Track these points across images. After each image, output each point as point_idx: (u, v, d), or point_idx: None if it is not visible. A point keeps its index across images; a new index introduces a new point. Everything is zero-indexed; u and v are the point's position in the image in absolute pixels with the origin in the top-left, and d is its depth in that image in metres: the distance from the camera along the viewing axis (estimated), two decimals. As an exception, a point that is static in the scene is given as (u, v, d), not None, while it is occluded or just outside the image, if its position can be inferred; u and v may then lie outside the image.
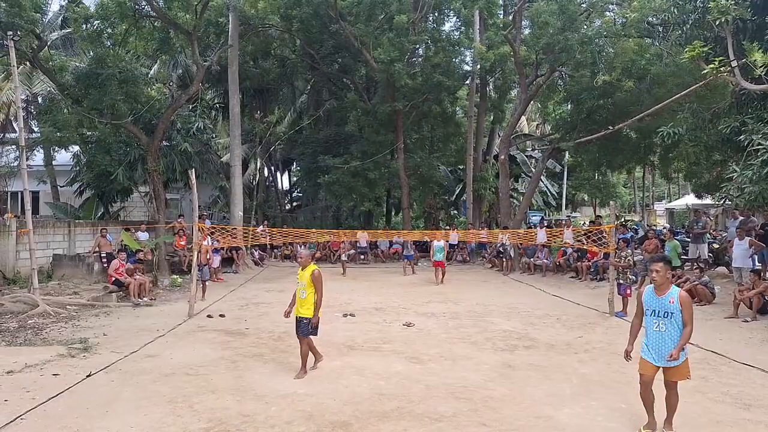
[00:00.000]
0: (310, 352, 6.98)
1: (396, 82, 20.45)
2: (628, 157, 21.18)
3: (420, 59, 24.27)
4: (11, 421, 5.18)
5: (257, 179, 27.84)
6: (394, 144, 23.14)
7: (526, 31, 20.81)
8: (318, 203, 30.38)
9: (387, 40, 19.91)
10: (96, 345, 8.17)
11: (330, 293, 13.69)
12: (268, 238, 20.05)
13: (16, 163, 19.13)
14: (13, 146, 20.05)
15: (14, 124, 21.29)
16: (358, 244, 21.97)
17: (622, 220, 26.56)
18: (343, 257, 18.87)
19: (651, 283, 5.02)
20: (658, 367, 4.92)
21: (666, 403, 5.04)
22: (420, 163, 23.63)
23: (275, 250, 23.13)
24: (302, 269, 6.96)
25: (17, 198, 22.02)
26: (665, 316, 4.85)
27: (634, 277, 11.95)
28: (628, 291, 10.98)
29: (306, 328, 6.79)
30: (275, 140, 26.11)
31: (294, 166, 34.53)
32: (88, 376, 6.62)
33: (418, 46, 22.72)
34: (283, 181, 35.50)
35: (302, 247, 7.67)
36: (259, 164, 26.81)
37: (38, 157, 21.89)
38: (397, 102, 21.66)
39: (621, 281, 11.07)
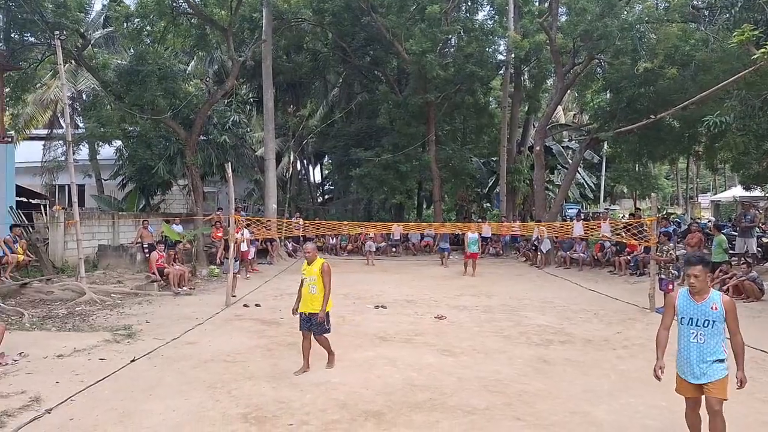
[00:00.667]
0: (311, 349, 6.64)
1: (428, 74, 20.29)
2: (671, 147, 20.47)
3: (452, 49, 24.00)
4: (62, 402, 5.45)
5: (290, 172, 28.18)
6: (426, 136, 23.02)
7: (563, 18, 20.32)
8: (349, 196, 30.55)
9: (419, 31, 19.77)
10: (139, 332, 8.49)
11: (362, 285, 13.97)
12: (302, 230, 20.30)
13: (63, 158, 19.99)
14: (61, 141, 20.95)
15: (61, 121, 22.20)
16: (392, 237, 22.02)
17: (664, 212, 25.77)
18: (367, 248, 19.21)
19: (688, 288, 4.31)
20: (699, 386, 4.26)
21: (710, 426, 4.28)
22: (452, 155, 23.44)
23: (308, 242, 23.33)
24: (309, 264, 6.59)
25: (65, 191, 23.00)
26: (705, 324, 4.19)
27: (676, 272, 11.60)
28: (670, 286, 10.65)
29: (318, 325, 6.48)
30: (308, 134, 26.38)
31: (326, 159, 34.81)
32: (132, 361, 6.89)
33: (450, 36, 22.46)
34: (315, 175, 35.84)
35: (310, 241, 7.37)
36: (291, 158, 27.12)
37: (84, 152, 22.72)
38: (428, 93, 21.50)
39: (663, 276, 10.76)
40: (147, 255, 14.41)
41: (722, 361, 4.26)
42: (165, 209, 22.65)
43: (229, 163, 12.22)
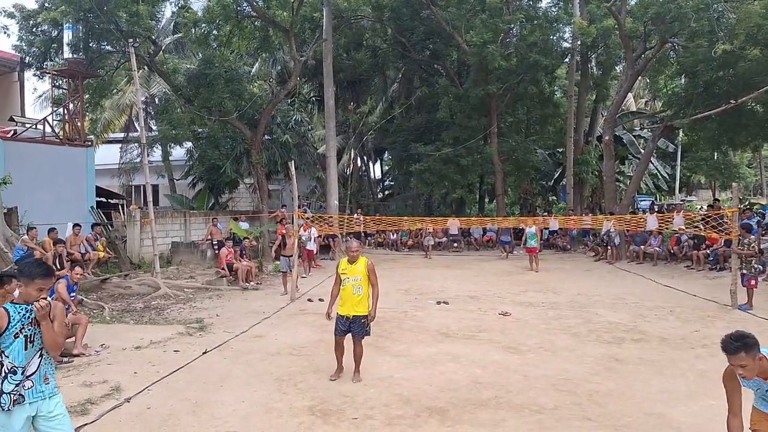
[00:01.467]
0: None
1: (489, 65, 19.86)
2: (754, 133, 19.01)
3: (514, 39, 23.37)
4: (140, 392, 5.74)
5: (351, 169, 28.49)
6: (488, 129, 22.56)
7: (633, 2, 19.32)
8: (409, 191, 30.48)
9: (479, 21, 19.37)
10: (210, 325, 8.84)
11: (423, 280, 13.91)
12: (362, 225, 20.48)
13: (138, 160, 21.14)
14: (136, 144, 22.14)
15: (136, 124, 23.47)
16: (449, 232, 21.80)
17: (747, 203, 24.05)
18: (426, 242, 19.53)
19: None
20: None
21: None
22: (515, 148, 22.84)
23: (369, 238, 23.59)
24: (352, 263, 6.12)
25: (140, 191, 24.33)
26: None
27: (761, 267, 10.80)
28: (753, 281, 9.95)
29: (363, 328, 6.08)
30: (368, 130, 26.53)
31: (386, 155, 34.91)
32: (204, 354, 7.17)
33: (512, 25, 21.89)
34: (376, 171, 36.05)
35: (352, 238, 6.94)
36: (352, 154, 27.39)
37: (157, 154, 23.87)
38: (490, 85, 21.02)
39: (745, 271, 10.05)
40: (216, 251, 14.97)
41: None
42: (232, 207, 23.48)
43: (293, 162, 12.49)
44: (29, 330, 3.21)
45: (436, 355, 7.13)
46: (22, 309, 3.21)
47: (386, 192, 35.39)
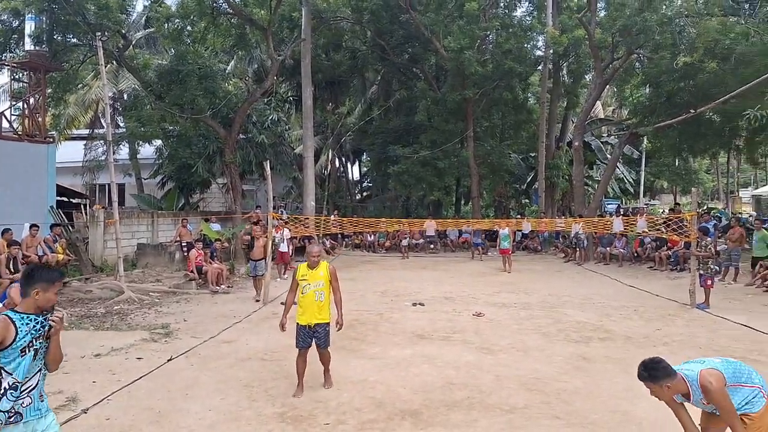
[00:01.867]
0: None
1: (466, 70, 20.14)
2: (711, 141, 19.90)
3: (490, 46, 23.74)
4: (98, 402, 5.51)
5: (328, 170, 28.40)
6: (464, 132, 22.85)
7: (602, 14, 19.88)
8: (387, 193, 30.58)
9: (457, 28, 19.63)
10: (177, 330, 8.59)
11: (399, 282, 13.96)
12: (339, 227, 20.43)
13: (104, 157, 20.59)
14: (101, 141, 21.60)
15: (102, 121, 22.90)
16: (426, 233, 21.95)
17: (705, 207, 24.89)
18: (404, 242, 19.70)
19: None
20: None
21: None
22: (490, 152, 23.20)
23: (346, 239, 23.55)
24: (312, 268, 5.73)
25: (105, 190, 23.73)
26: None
27: (717, 267, 11.26)
28: (709, 282, 10.36)
29: (327, 337, 5.80)
30: (346, 131, 26.51)
31: (364, 156, 34.93)
32: (169, 360, 6.96)
33: (488, 32, 22.24)
34: (354, 172, 36.04)
35: (313, 242, 6.88)
36: (330, 155, 27.31)
37: (124, 151, 23.33)
38: (467, 90, 21.34)
39: (702, 272, 10.45)
40: (186, 253, 14.68)
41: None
42: (204, 208, 23.11)
43: (268, 162, 12.37)
44: (39, 344, 2.98)
45: (411, 356, 7.16)
46: (31, 320, 2.95)
47: (364, 193, 35.39)
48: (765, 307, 10.35)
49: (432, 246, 22.11)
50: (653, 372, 3.61)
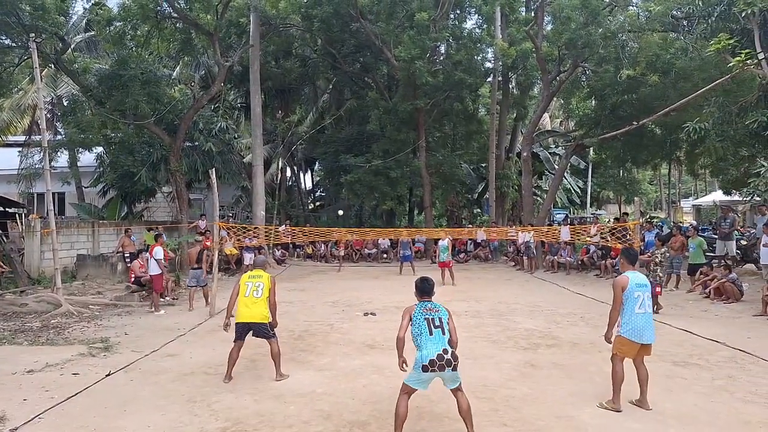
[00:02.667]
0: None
1: (417, 80, 20.31)
2: (653, 153, 20.71)
3: (441, 57, 24.10)
4: (29, 421, 5.19)
5: (279, 179, 27.99)
6: (416, 142, 23.00)
7: (548, 27, 20.44)
8: (340, 202, 30.43)
9: (408, 38, 19.77)
10: (117, 344, 8.24)
11: (351, 292, 13.82)
12: (290, 237, 20.12)
13: (40, 165, 19.54)
14: (38, 148, 20.52)
15: (39, 127, 21.78)
16: (379, 242, 21.94)
17: (647, 217, 25.98)
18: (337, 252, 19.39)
19: None
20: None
21: None
22: (442, 161, 23.45)
23: (298, 250, 23.22)
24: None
25: (42, 199, 22.53)
26: None
27: (662, 275, 11.67)
28: (658, 289, 10.71)
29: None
30: (297, 140, 26.23)
31: (317, 165, 34.66)
32: (107, 376, 6.66)
33: (439, 43, 22.56)
34: (306, 181, 35.70)
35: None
36: (281, 164, 26.94)
37: (63, 159, 22.32)
38: (418, 100, 21.51)
39: (651, 279, 10.77)
40: (128, 264, 14.11)
41: None
42: (148, 217, 22.33)
43: (214, 170, 12.03)
44: None
45: (361, 367, 7.05)
46: None
47: (317, 203, 35.08)
48: (705, 312, 10.79)
49: (385, 255, 22.08)
50: None
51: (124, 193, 20.04)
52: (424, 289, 5.09)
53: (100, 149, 20.20)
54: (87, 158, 22.04)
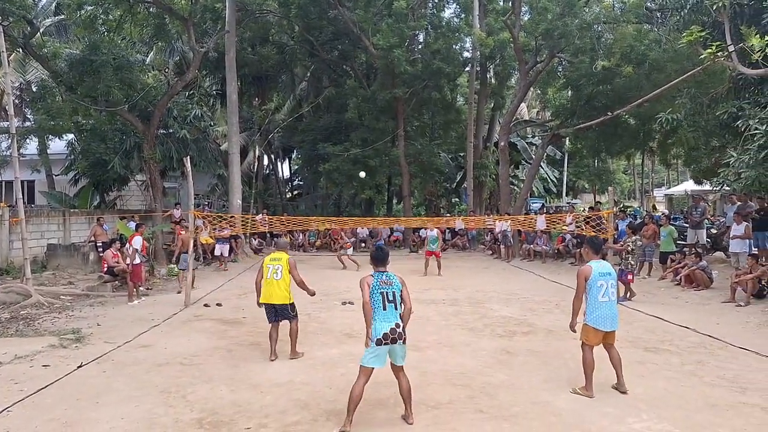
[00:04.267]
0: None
1: (395, 69, 20.25)
2: (627, 143, 21.05)
3: (420, 46, 24.01)
4: (-2, 413, 5.08)
5: (256, 167, 27.69)
6: (395, 131, 22.97)
7: (526, 17, 20.54)
8: (319, 191, 30.27)
9: (386, 26, 19.66)
10: (89, 335, 8.09)
11: (329, 281, 13.79)
12: (268, 226, 19.95)
13: (9, 152, 18.99)
14: (6, 135, 19.92)
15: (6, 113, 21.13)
16: (357, 231, 21.92)
17: (621, 206, 26.45)
18: (342, 252, 17.20)
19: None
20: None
21: None
22: (421, 151, 23.47)
23: (275, 239, 23.03)
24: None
25: (11, 187, 21.90)
26: None
27: (634, 263, 11.89)
28: (630, 276, 10.93)
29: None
30: (274, 128, 25.95)
31: (294, 154, 34.36)
32: (79, 367, 6.54)
33: (417, 32, 22.50)
34: (284, 170, 35.38)
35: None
36: (258, 152, 26.63)
37: (32, 146, 21.72)
38: (396, 89, 21.44)
39: (622, 267, 11.01)
40: (101, 254, 13.84)
41: None
42: (121, 206, 21.92)
43: (188, 158, 11.82)
44: None
45: (338, 356, 7.06)
46: None
47: (295, 192, 34.82)
48: (676, 299, 11.05)
49: (363, 245, 22.07)
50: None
51: (96, 182, 19.60)
52: (379, 257, 5.15)
53: (71, 136, 19.70)
54: (57, 145, 21.48)
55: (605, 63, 15.94)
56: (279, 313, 6.93)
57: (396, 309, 4.91)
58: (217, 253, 16.49)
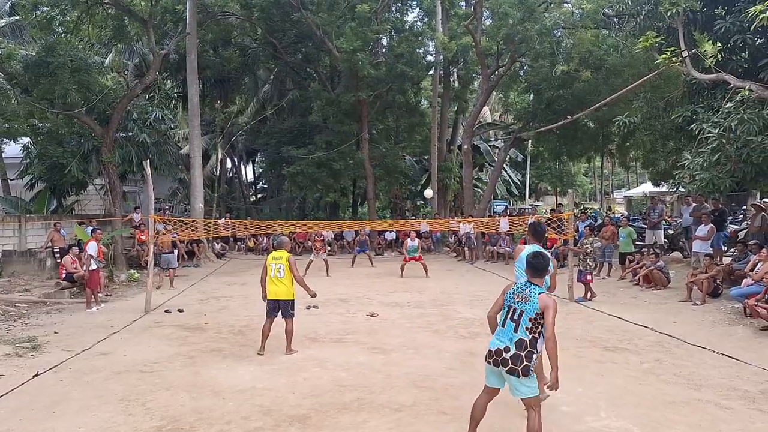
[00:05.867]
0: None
1: (359, 72, 20.32)
2: (587, 146, 21.63)
3: (383, 49, 24.18)
4: (-53, 427, 4.92)
5: (219, 171, 27.31)
6: (359, 134, 23.01)
7: (487, 22, 20.93)
8: (283, 194, 30.05)
9: (349, 29, 19.71)
10: (46, 343, 7.86)
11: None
12: (231, 230, 19.69)
13: (-40, 156, 18.28)
14: (-42, 138, 19.14)
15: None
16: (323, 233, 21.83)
17: (582, 208, 27.15)
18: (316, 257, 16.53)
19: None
20: None
21: None
22: (385, 153, 23.59)
23: (239, 243, 22.77)
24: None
25: (-37, 192, 21.04)
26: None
27: (592, 264, 12.22)
28: (589, 277, 11.23)
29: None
30: (237, 131, 25.66)
31: (258, 157, 34.02)
32: (35, 376, 6.36)
33: (381, 36, 22.62)
34: (248, 173, 34.99)
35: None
36: (220, 155, 26.27)
37: (-15, 150, 20.88)
38: (360, 92, 21.50)
39: (581, 268, 11.30)
40: (58, 260, 13.42)
41: None
42: (80, 210, 21.25)
43: (149, 161, 11.58)
44: None
45: (302, 361, 7.03)
46: None
47: (260, 195, 34.45)
48: (634, 299, 11.34)
49: (328, 248, 21.99)
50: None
51: (53, 186, 18.99)
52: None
53: (26, 139, 19.03)
54: (12, 149, 20.72)
55: (564, 67, 16.36)
56: (282, 308, 7.29)
57: (516, 331, 4.19)
58: (164, 265, 15.64)
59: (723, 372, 6.44)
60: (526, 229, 6.02)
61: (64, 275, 12.01)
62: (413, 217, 26.84)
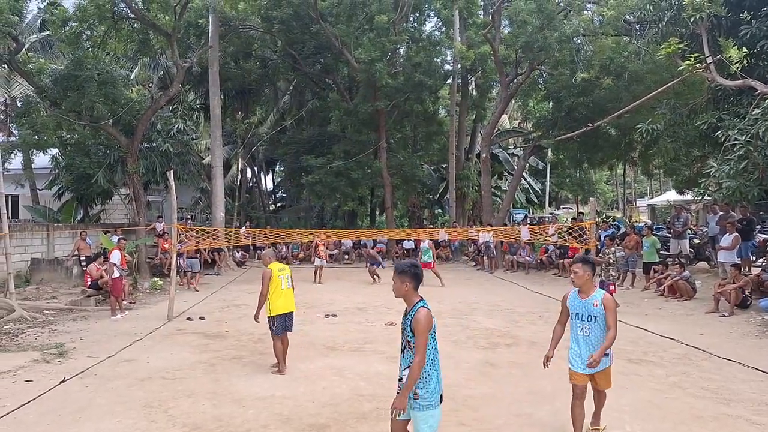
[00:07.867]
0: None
1: (377, 82, 20.44)
2: (609, 153, 21.35)
3: (401, 59, 24.29)
4: (-22, 430, 5.08)
5: (239, 180, 27.66)
6: (377, 143, 23.12)
7: (506, 30, 20.91)
8: (302, 203, 30.29)
9: (368, 40, 19.88)
10: (72, 350, 8.05)
11: (312, 294, 13.80)
12: (251, 239, 19.91)
13: (-8, 167, 18.80)
14: (-10, 149, 19.73)
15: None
16: (341, 242, 21.98)
17: (603, 216, 26.79)
18: (317, 262, 16.81)
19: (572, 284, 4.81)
20: (589, 376, 4.68)
21: (595, 401, 4.93)
22: (403, 162, 23.63)
23: (258, 251, 22.97)
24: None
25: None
26: (589, 320, 4.62)
27: (615, 274, 12.04)
28: (612, 287, 11.06)
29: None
30: (258, 141, 26.00)
31: (278, 166, 34.39)
32: (61, 382, 6.51)
33: (398, 45, 22.73)
34: (267, 182, 35.37)
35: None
36: (241, 165, 26.63)
37: (17, 161, 21.56)
38: (378, 101, 21.62)
39: (603, 278, 11.14)
40: (84, 268, 13.73)
41: (606, 354, 4.62)
42: (105, 219, 21.74)
43: (172, 171, 11.81)
44: None
45: (321, 369, 7.09)
46: None
47: (279, 204, 34.79)
48: (659, 310, 11.13)
49: (347, 256, 22.10)
50: (589, 259, 4.93)
51: (79, 196, 19.48)
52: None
53: (55, 151, 19.57)
54: (42, 160, 21.35)
55: (585, 75, 16.24)
56: (291, 321, 7.17)
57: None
58: (186, 269, 15.43)
59: (754, 386, 6.26)
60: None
61: (89, 283, 12.28)
62: (431, 226, 26.78)
